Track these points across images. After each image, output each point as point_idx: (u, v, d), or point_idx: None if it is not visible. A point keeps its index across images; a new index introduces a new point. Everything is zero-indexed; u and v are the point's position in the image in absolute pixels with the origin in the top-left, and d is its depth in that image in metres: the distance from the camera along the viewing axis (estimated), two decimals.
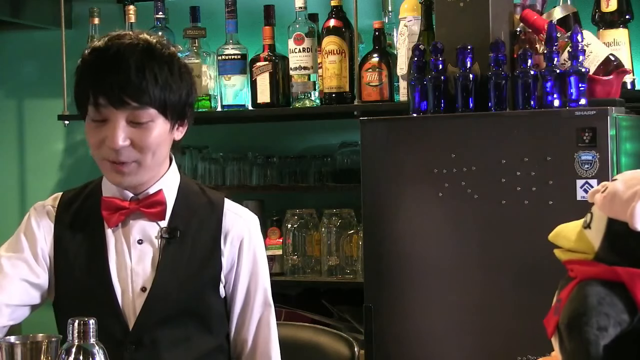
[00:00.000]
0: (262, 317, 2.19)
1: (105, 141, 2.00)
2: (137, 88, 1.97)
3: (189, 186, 2.19)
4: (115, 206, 2.08)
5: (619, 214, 1.33)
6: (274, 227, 3.74)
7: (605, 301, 1.27)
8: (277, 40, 3.79)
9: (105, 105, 1.98)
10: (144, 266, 2.08)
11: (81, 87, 2.02)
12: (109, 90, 1.96)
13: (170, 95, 2.01)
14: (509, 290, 2.86)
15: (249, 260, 2.16)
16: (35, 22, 4.24)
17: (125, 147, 1.99)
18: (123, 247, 2.09)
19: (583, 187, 2.75)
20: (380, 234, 3.02)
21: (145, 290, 2.07)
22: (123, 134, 1.98)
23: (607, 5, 3.26)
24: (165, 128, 2.04)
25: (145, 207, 2.09)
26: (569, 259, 1.40)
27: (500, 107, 2.92)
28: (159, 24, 3.91)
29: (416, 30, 3.33)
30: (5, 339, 1.76)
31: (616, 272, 1.29)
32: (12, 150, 4.53)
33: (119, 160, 2.01)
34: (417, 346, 2.98)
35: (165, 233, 2.09)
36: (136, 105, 1.97)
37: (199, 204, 2.16)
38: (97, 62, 2.01)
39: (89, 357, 1.62)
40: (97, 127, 2.01)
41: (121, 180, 2.05)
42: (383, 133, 3.03)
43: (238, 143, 4.09)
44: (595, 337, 1.24)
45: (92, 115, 2.01)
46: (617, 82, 2.94)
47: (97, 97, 1.98)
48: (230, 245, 2.14)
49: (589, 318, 1.25)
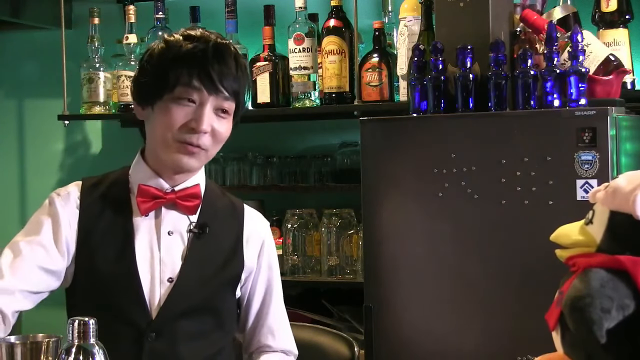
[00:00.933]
0: (278, 315, 2.28)
1: (190, 123, 2.05)
2: (232, 79, 2.06)
3: (212, 187, 2.25)
4: (152, 194, 2.11)
5: (621, 205, 1.34)
6: (274, 227, 3.74)
7: (608, 285, 1.27)
8: (277, 40, 3.79)
9: (198, 89, 2.04)
10: (172, 257, 2.11)
11: (173, 66, 2.05)
12: (208, 75, 2.04)
13: (243, 94, 2.11)
14: (509, 290, 2.86)
15: (267, 264, 2.25)
16: (35, 22, 4.24)
17: (207, 132, 2.06)
18: (152, 237, 2.12)
19: (583, 187, 2.75)
20: (380, 234, 3.02)
21: (171, 281, 2.09)
22: (209, 119, 2.05)
23: (607, 5, 3.26)
24: (231, 122, 2.12)
25: (181, 199, 2.13)
26: (570, 255, 1.40)
27: (500, 107, 2.92)
28: (159, 24, 3.91)
29: (416, 30, 3.33)
30: (5, 339, 1.76)
31: (619, 260, 1.30)
32: (12, 150, 4.53)
33: (197, 143, 2.06)
34: (417, 346, 2.98)
35: (195, 227, 2.13)
36: (226, 95, 2.06)
37: (222, 204, 2.22)
38: (196, 46, 2.07)
39: (89, 357, 1.62)
40: (182, 108, 2.05)
41: (189, 163, 2.09)
42: (383, 133, 3.03)
43: (238, 143, 4.06)
44: (598, 317, 1.25)
45: (182, 94, 2.05)
46: (617, 82, 2.94)
47: (193, 79, 2.04)
48: (251, 248, 2.21)
49: (592, 299, 1.25)
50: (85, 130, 4.42)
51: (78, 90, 4.03)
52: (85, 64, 4.02)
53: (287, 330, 2.31)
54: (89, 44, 4.00)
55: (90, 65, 4.01)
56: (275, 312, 2.27)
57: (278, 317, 2.28)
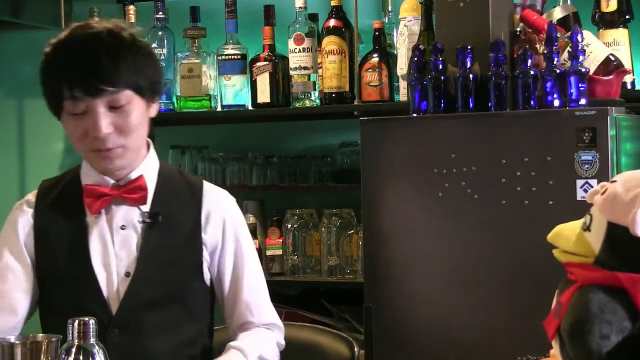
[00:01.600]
0: (254, 289, 2.23)
1: (89, 132, 2.04)
2: (110, 73, 2.01)
3: (168, 171, 2.23)
4: (98, 193, 2.11)
5: (620, 217, 1.32)
6: (274, 227, 3.74)
7: (607, 308, 1.26)
8: (277, 40, 3.79)
9: (82, 97, 2.01)
10: (127, 251, 2.11)
11: (52, 84, 2.05)
12: (84, 81, 2.00)
13: (141, 74, 2.06)
14: (509, 290, 2.86)
15: (232, 238, 2.21)
16: (35, 22, 4.24)
17: (109, 133, 2.03)
18: (106, 234, 2.12)
19: (583, 187, 2.74)
20: (380, 234, 3.02)
21: (129, 275, 2.10)
22: (105, 121, 2.03)
23: (607, 5, 3.26)
24: (142, 107, 2.08)
25: (127, 192, 2.12)
26: (568, 262, 1.39)
27: (500, 107, 2.92)
28: (159, 24, 3.91)
29: (416, 30, 3.33)
30: (5, 339, 1.76)
31: (617, 277, 1.29)
32: (12, 150, 4.53)
33: (105, 148, 2.05)
34: (417, 346, 2.98)
35: (147, 217, 2.12)
36: (113, 89, 2.01)
37: (178, 187, 2.20)
38: (65, 55, 2.05)
39: (89, 357, 1.62)
40: (78, 120, 2.05)
41: (110, 166, 2.09)
42: (383, 133, 3.03)
43: (238, 143, 4.09)
44: (597, 345, 1.24)
45: (71, 109, 2.04)
46: (617, 82, 2.94)
47: (72, 90, 2.01)
48: (212, 226, 2.18)
49: (591, 326, 1.25)
50: None
51: None
52: None
53: (266, 303, 2.26)
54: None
55: None
56: (249, 287, 2.22)
57: (254, 291, 2.23)
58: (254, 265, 2.26)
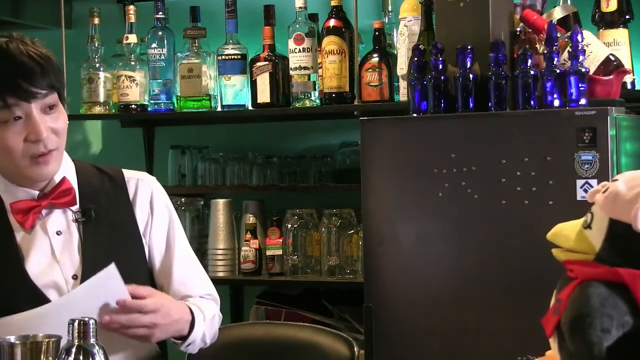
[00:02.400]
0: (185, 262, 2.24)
1: (29, 137, 2.03)
2: (39, 75, 2.03)
3: (85, 168, 2.24)
4: (26, 208, 2.10)
5: (622, 214, 1.32)
6: (274, 227, 3.74)
7: (607, 302, 1.26)
8: (277, 40, 3.79)
9: (16, 104, 2.01)
10: (69, 255, 2.11)
11: None
12: (15, 87, 2.01)
13: (59, 79, 2.10)
14: (509, 290, 2.86)
15: (160, 214, 2.23)
16: (35, 22, 4.24)
17: (48, 135, 2.04)
18: (43, 244, 2.10)
19: (583, 187, 2.75)
20: (380, 234, 3.02)
21: (76, 277, 2.09)
22: (43, 124, 2.04)
23: (607, 5, 3.26)
24: (65, 114, 2.11)
25: (56, 198, 2.12)
26: (568, 259, 1.39)
27: (500, 107, 2.92)
28: (159, 24, 3.91)
29: (416, 30, 3.33)
30: (5, 339, 1.76)
31: (618, 273, 1.29)
32: None
33: (46, 150, 2.05)
34: (417, 346, 2.98)
35: (80, 216, 2.13)
36: (44, 92, 2.03)
37: (100, 181, 2.21)
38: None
39: (89, 357, 1.62)
40: (11, 129, 2.03)
41: (47, 171, 2.09)
42: (383, 133, 3.03)
43: (238, 143, 4.09)
44: (598, 338, 1.24)
45: (4, 117, 2.02)
46: (617, 82, 2.94)
47: (5, 99, 2.01)
48: (140, 208, 2.21)
49: (592, 320, 1.25)
50: (85, 130, 4.42)
51: (78, 90, 4.03)
52: (85, 64, 4.02)
53: (200, 275, 2.27)
54: (89, 44, 4.00)
55: (90, 65, 4.01)
56: (180, 261, 2.23)
57: (186, 265, 2.24)
58: (182, 240, 2.27)
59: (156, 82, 3.90)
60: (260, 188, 3.90)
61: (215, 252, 3.80)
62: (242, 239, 3.79)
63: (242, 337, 2.68)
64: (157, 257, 2.22)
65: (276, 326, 2.83)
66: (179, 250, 2.24)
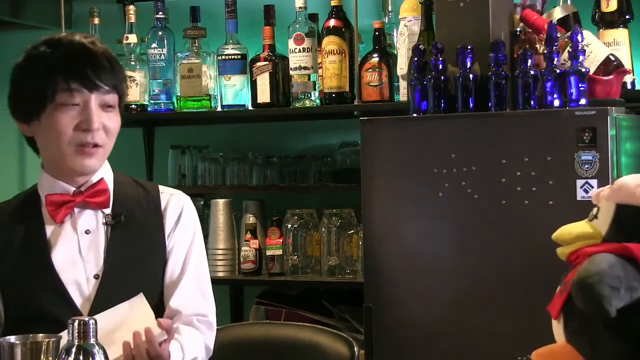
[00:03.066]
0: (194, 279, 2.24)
1: (81, 124, 2.09)
2: (107, 72, 2.11)
3: (122, 177, 2.29)
4: (60, 201, 2.15)
5: (628, 198, 1.36)
6: (274, 227, 3.74)
7: (616, 267, 1.27)
8: (277, 40, 3.79)
9: (79, 90, 2.08)
10: (94, 254, 2.15)
11: (46, 76, 2.08)
12: (83, 74, 2.08)
13: (123, 85, 2.18)
14: (509, 290, 2.86)
15: (183, 228, 2.26)
16: (35, 22, 4.24)
17: (99, 130, 2.10)
18: (71, 240, 2.15)
19: (583, 187, 2.74)
20: (380, 234, 3.02)
21: (97, 277, 2.13)
22: (98, 116, 2.10)
23: (607, 5, 3.26)
24: (119, 116, 2.18)
25: (90, 196, 2.17)
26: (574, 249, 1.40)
27: (500, 107, 2.92)
28: (159, 24, 3.91)
29: (416, 30, 3.33)
30: (5, 339, 1.76)
31: (627, 247, 1.30)
32: (12, 150, 4.53)
33: (93, 142, 2.10)
34: (416, 346, 2.98)
35: (110, 219, 2.17)
36: (107, 88, 2.11)
37: (134, 191, 2.26)
38: (64, 50, 2.11)
39: (89, 357, 1.62)
40: (67, 113, 2.09)
41: (90, 164, 2.13)
42: (383, 133, 3.03)
43: (238, 143, 4.09)
44: (608, 293, 1.24)
45: (66, 100, 2.08)
46: (617, 82, 2.94)
47: (69, 82, 2.08)
48: (169, 220, 2.24)
49: (601, 277, 1.25)
50: None
51: None
52: None
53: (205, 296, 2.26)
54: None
55: None
56: (190, 278, 2.23)
57: (194, 283, 2.24)
58: (200, 259, 2.28)
59: (156, 82, 3.91)
60: (260, 188, 3.90)
61: (215, 252, 3.80)
62: (242, 239, 3.79)
63: (242, 337, 2.68)
64: (170, 267, 2.24)
65: (276, 326, 2.83)
66: (192, 268, 2.25)
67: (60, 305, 2.09)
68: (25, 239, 2.16)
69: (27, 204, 2.20)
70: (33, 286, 2.11)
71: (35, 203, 2.19)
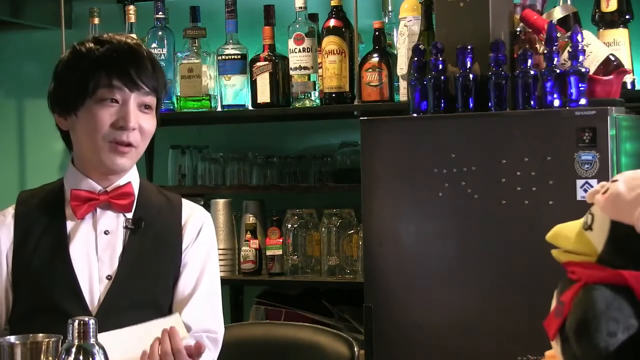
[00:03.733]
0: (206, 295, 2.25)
1: (117, 122, 2.11)
2: (149, 73, 2.13)
3: (147, 184, 2.32)
4: (85, 197, 2.17)
5: (624, 216, 1.31)
6: (274, 227, 3.74)
7: (613, 306, 1.26)
8: (277, 40, 3.79)
9: (119, 88, 2.11)
10: (110, 255, 2.16)
11: (90, 71, 2.11)
12: (125, 72, 2.11)
13: (162, 89, 2.19)
14: (509, 290, 2.86)
15: (202, 244, 2.26)
16: (35, 22, 4.24)
17: (135, 128, 2.12)
18: (89, 238, 2.16)
19: (583, 187, 2.75)
20: (380, 234, 3.02)
21: (110, 278, 2.14)
22: (135, 115, 2.12)
23: (607, 5, 3.26)
24: (155, 119, 2.19)
25: (115, 198, 2.18)
26: (569, 261, 1.39)
27: (500, 107, 2.92)
28: (159, 24, 3.91)
29: (416, 30, 3.33)
30: (5, 339, 1.76)
31: (623, 276, 1.28)
32: (12, 150, 4.53)
33: (127, 141, 2.12)
34: (417, 346, 2.98)
35: (131, 224, 2.18)
36: (147, 89, 2.13)
37: (158, 199, 2.27)
38: (110, 48, 2.14)
39: (89, 357, 1.62)
40: (106, 109, 2.11)
41: (121, 162, 2.15)
42: (383, 133, 3.03)
43: (238, 143, 4.09)
44: (605, 342, 1.24)
45: (102, 95, 2.11)
46: (617, 82, 2.94)
47: (111, 79, 2.10)
48: (188, 234, 2.25)
49: (598, 323, 1.25)
50: None
51: None
52: None
53: (215, 312, 2.27)
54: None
55: None
56: (201, 294, 2.23)
57: (205, 300, 2.24)
58: (214, 278, 2.28)
59: None
60: (260, 188, 3.90)
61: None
62: (242, 239, 3.79)
63: (242, 337, 2.68)
64: (183, 281, 2.23)
65: (276, 326, 2.83)
66: (205, 285, 2.25)
67: (71, 300, 2.10)
68: (46, 230, 2.17)
69: (53, 196, 2.22)
70: (48, 277, 2.13)
71: (60, 197, 2.20)
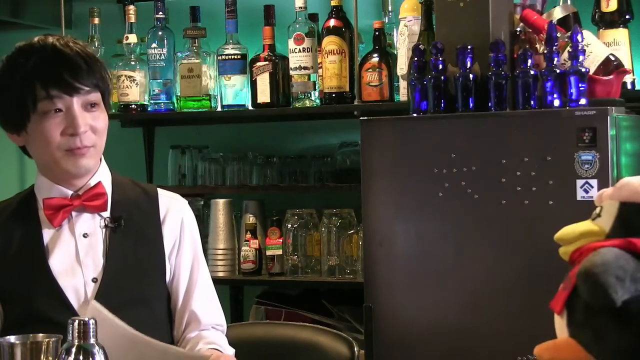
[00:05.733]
0: (206, 290, 2.26)
1: (67, 130, 2.08)
2: (85, 72, 2.08)
3: (120, 179, 2.28)
4: (58, 205, 2.14)
5: (632, 196, 1.37)
6: (274, 227, 3.74)
7: (621, 258, 1.28)
8: (277, 40, 3.79)
9: (59, 96, 2.07)
10: (93, 258, 2.14)
11: (24, 86, 2.07)
12: (61, 80, 2.06)
13: (104, 81, 2.14)
14: (509, 290, 2.86)
15: (191, 238, 2.26)
16: (35, 22, 4.24)
17: (86, 131, 2.09)
18: (69, 243, 2.14)
19: (583, 187, 2.75)
20: (380, 234, 3.02)
21: (96, 280, 2.12)
22: (82, 119, 2.08)
23: (607, 5, 3.26)
24: (106, 113, 2.16)
25: (88, 200, 2.15)
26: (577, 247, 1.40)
27: (500, 107, 2.92)
28: (159, 24, 3.91)
29: (416, 30, 3.33)
30: (5, 339, 1.76)
31: (632, 242, 1.31)
32: (12, 151, 4.52)
33: (82, 145, 2.09)
34: (416, 346, 2.98)
35: (110, 223, 2.16)
36: (87, 89, 2.08)
37: (134, 194, 2.24)
38: (38, 58, 2.09)
39: (89, 357, 1.62)
40: (52, 121, 2.07)
41: (82, 164, 2.12)
42: (383, 133, 3.03)
43: (238, 143, 4.09)
44: (614, 282, 1.25)
45: (47, 107, 2.07)
46: (617, 82, 2.94)
47: (48, 90, 2.06)
48: (170, 226, 2.23)
49: (607, 267, 1.26)
50: None
51: None
52: None
53: (215, 306, 2.29)
54: (89, 44, 4.00)
55: None
56: (203, 287, 2.25)
57: (207, 292, 2.26)
58: (205, 269, 2.29)
59: (156, 82, 3.91)
60: (260, 188, 3.90)
61: (215, 252, 3.80)
62: (242, 239, 3.79)
63: (242, 337, 2.68)
64: (183, 279, 2.23)
65: (276, 326, 2.83)
66: (201, 280, 2.26)
67: (58, 309, 2.08)
68: (23, 243, 2.14)
69: (25, 207, 2.19)
70: (31, 292, 2.10)
71: (32, 206, 2.17)
